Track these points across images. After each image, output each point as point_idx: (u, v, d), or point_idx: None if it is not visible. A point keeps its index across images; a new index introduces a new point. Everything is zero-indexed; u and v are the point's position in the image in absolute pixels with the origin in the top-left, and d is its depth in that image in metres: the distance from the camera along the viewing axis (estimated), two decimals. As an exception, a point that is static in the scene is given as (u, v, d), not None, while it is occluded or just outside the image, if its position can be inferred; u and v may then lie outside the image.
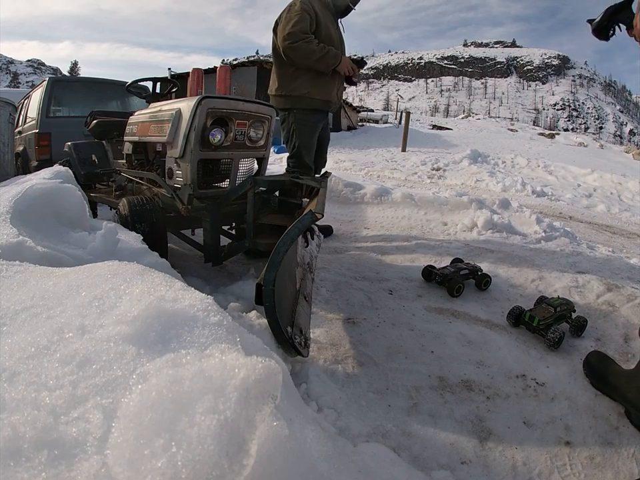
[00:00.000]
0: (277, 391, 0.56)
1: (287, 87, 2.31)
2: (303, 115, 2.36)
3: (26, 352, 0.64)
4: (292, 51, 2.15)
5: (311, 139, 2.42)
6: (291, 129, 2.38)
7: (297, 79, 2.29)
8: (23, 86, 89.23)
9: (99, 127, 2.69)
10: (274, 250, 1.08)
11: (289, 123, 2.38)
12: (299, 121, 2.36)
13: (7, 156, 3.44)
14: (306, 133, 2.39)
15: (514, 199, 3.85)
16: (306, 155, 2.41)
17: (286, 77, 2.31)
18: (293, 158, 2.43)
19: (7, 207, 1.30)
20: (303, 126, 2.37)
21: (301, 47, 2.13)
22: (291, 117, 2.36)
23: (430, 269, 1.96)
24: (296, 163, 2.43)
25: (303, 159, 2.41)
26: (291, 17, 2.14)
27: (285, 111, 2.39)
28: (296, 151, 2.39)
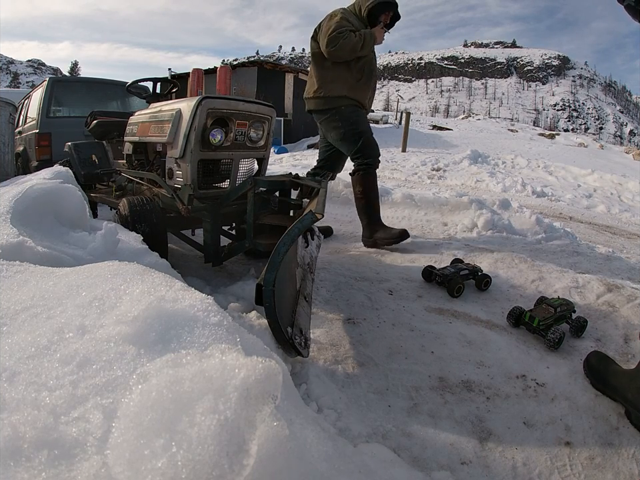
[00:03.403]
0: (277, 391, 0.56)
1: (325, 88, 2.40)
2: (351, 108, 2.42)
3: (26, 352, 0.64)
4: (338, 52, 2.27)
5: (367, 125, 2.48)
6: (347, 122, 2.40)
7: (335, 82, 2.39)
8: (23, 86, 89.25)
9: (99, 127, 2.69)
10: (274, 250, 1.08)
11: (342, 119, 2.41)
12: (350, 113, 2.41)
13: (7, 156, 3.44)
14: (361, 120, 2.45)
15: (514, 199, 3.85)
16: (372, 139, 2.45)
17: (325, 79, 2.41)
18: (361, 150, 2.41)
19: (7, 207, 1.30)
20: (356, 116, 2.43)
21: (343, 45, 2.24)
22: (340, 113, 2.41)
23: (430, 269, 1.96)
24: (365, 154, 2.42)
25: (372, 144, 2.44)
26: (331, 25, 2.27)
27: (328, 112, 2.44)
28: (363, 140, 2.40)
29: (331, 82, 2.40)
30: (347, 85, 2.40)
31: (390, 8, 2.41)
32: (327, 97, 2.40)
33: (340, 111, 2.41)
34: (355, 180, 2.48)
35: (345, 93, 2.40)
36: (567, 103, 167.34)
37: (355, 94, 2.43)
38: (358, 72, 2.42)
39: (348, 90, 2.40)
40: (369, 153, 2.42)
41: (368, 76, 2.47)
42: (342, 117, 2.41)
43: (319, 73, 2.44)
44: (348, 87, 2.40)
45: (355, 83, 2.42)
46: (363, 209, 2.50)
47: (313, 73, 2.47)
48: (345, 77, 2.40)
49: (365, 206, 2.48)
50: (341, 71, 2.39)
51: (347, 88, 2.40)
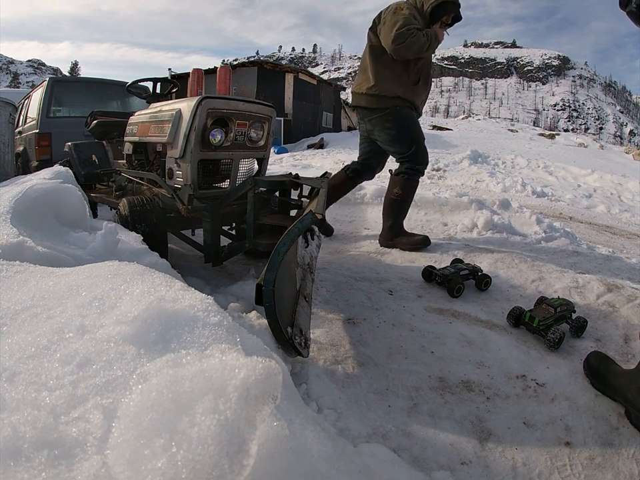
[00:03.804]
0: (277, 391, 0.56)
1: (381, 86, 2.29)
2: (405, 110, 2.34)
3: (26, 352, 0.64)
4: (404, 51, 2.16)
5: (420, 129, 2.39)
6: (400, 125, 2.32)
7: (392, 82, 2.30)
8: (23, 86, 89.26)
9: (99, 127, 2.69)
10: (274, 250, 1.08)
11: (395, 120, 2.32)
12: (405, 115, 2.33)
13: (7, 156, 3.44)
14: (416, 124, 2.38)
15: (514, 199, 3.85)
16: (424, 145, 2.38)
17: (382, 76, 2.30)
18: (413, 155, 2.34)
19: (7, 207, 1.30)
20: (411, 118, 2.36)
21: (410, 44, 2.13)
22: (394, 114, 2.32)
23: (430, 269, 1.96)
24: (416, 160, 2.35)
25: (424, 150, 2.37)
26: (398, 20, 2.15)
27: (380, 111, 2.34)
28: (417, 144, 2.33)
29: (388, 81, 2.29)
30: (404, 86, 2.31)
31: (454, 9, 2.31)
32: (382, 96, 2.30)
33: (394, 111, 2.31)
34: (396, 180, 2.39)
35: (400, 94, 2.30)
36: (567, 103, 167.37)
37: (410, 96, 2.34)
38: (416, 74, 2.33)
39: (404, 92, 2.31)
40: (420, 159, 2.35)
41: (425, 79, 2.39)
42: (395, 118, 2.31)
43: (376, 68, 2.32)
44: (405, 88, 2.31)
45: (412, 86, 2.33)
46: (393, 211, 2.43)
47: (369, 67, 2.34)
48: (402, 78, 2.30)
49: (397, 209, 2.42)
50: (399, 70, 2.29)
51: (403, 90, 2.31)
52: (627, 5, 1.08)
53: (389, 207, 2.46)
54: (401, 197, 2.39)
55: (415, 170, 2.36)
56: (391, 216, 2.44)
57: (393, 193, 2.42)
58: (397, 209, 2.43)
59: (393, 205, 2.44)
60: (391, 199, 2.44)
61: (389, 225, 2.45)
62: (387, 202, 2.47)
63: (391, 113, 2.32)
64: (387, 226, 2.45)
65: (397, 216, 2.44)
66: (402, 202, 2.42)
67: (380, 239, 2.50)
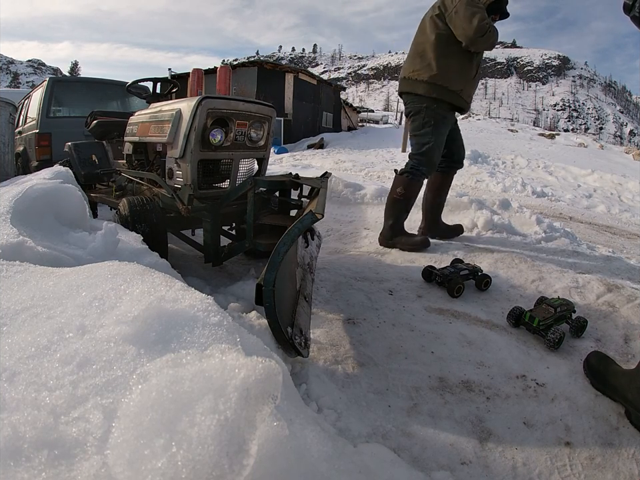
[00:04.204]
0: (277, 391, 0.56)
1: (445, 77, 2.24)
2: (444, 111, 2.31)
3: (26, 352, 0.64)
4: (482, 43, 2.17)
5: (444, 137, 2.37)
6: (427, 123, 2.30)
7: (458, 74, 2.26)
8: (23, 86, 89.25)
9: (99, 127, 2.69)
10: (274, 250, 1.08)
11: (426, 117, 2.30)
12: (438, 116, 2.30)
13: (7, 156, 3.44)
14: (443, 130, 2.35)
15: (514, 199, 3.85)
16: (437, 154, 2.35)
17: (449, 67, 2.25)
18: (422, 156, 2.33)
19: (7, 207, 1.30)
20: (441, 123, 2.32)
21: (489, 37, 2.16)
22: (430, 111, 2.28)
23: (430, 269, 1.96)
24: (423, 162, 2.33)
25: (434, 158, 2.34)
26: (475, 11, 2.13)
27: (424, 101, 2.29)
28: (429, 147, 2.30)
29: (455, 72, 2.25)
30: (466, 79, 2.30)
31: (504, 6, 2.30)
32: (439, 87, 2.24)
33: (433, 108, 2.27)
34: (400, 180, 2.38)
35: (463, 88, 2.28)
36: (567, 103, 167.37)
37: (469, 90, 2.33)
38: (475, 67, 2.32)
39: (465, 85, 2.29)
40: (427, 163, 2.34)
41: (479, 73, 2.39)
42: (430, 115, 2.29)
43: (442, 58, 2.25)
44: (465, 81, 2.30)
45: (471, 79, 2.33)
46: (394, 210, 2.41)
47: (432, 55, 2.26)
48: (465, 70, 2.29)
49: (399, 209, 2.40)
50: (465, 62, 2.27)
51: (464, 82, 2.29)
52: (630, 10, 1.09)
53: (390, 206, 2.44)
54: (404, 197, 2.38)
55: (419, 172, 2.34)
56: (392, 215, 2.43)
57: (395, 192, 2.40)
58: (399, 209, 2.42)
59: (395, 205, 2.42)
60: (393, 198, 2.42)
61: (389, 225, 2.43)
62: (389, 201, 2.45)
63: (428, 109, 2.28)
64: (388, 225, 2.44)
65: (398, 216, 2.42)
66: (405, 202, 2.40)
67: (380, 238, 2.49)
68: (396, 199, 2.40)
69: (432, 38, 2.27)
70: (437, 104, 2.28)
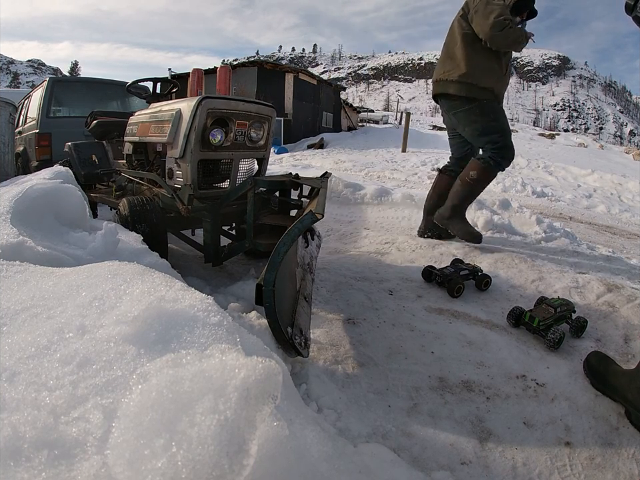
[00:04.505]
0: (277, 391, 0.56)
1: (475, 76, 2.23)
2: (493, 102, 2.30)
3: (26, 352, 0.64)
4: (500, 39, 2.14)
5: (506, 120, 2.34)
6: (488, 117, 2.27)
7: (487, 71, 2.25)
8: (23, 86, 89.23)
9: (99, 127, 2.69)
10: (274, 250, 1.08)
11: (483, 113, 2.27)
12: (493, 107, 2.29)
13: (7, 156, 3.44)
14: (504, 116, 2.33)
15: (514, 199, 3.85)
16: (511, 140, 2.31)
17: (477, 65, 2.25)
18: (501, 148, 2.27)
19: (7, 207, 1.30)
20: (498, 111, 2.30)
21: (507, 34, 2.13)
22: (481, 107, 2.27)
23: (430, 269, 1.96)
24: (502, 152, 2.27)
25: (511, 145, 2.31)
26: (494, 8, 2.13)
27: (470, 103, 2.28)
28: (505, 137, 2.27)
29: (484, 70, 2.24)
30: (496, 76, 2.28)
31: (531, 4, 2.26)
32: (473, 85, 2.22)
33: (482, 104, 2.26)
34: (476, 164, 2.30)
35: (493, 86, 2.26)
36: (567, 103, 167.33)
37: (500, 88, 2.31)
38: (505, 66, 2.30)
39: (496, 82, 2.27)
40: (506, 153, 2.28)
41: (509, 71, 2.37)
42: (483, 111, 2.26)
43: (470, 56, 2.25)
44: (496, 79, 2.28)
45: (502, 77, 2.31)
46: (461, 194, 2.35)
47: (460, 55, 2.27)
48: (495, 68, 2.27)
49: (466, 193, 2.34)
50: (493, 60, 2.26)
51: (495, 80, 2.27)
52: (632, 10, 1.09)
53: (458, 189, 2.37)
54: (474, 182, 2.30)
55: (496, 161, 2.27)
56: (459, 198, 2.36)
57: (468, 175, 2.32)
58: (467, 193, 2.34)
59: (464, 189, 2.34)
60: (464, 180, 2.33)
61: (452, 204, 2.36)
62: (459, 183, 2.37)
63: (479, 106, 2.27)
64: (450, 204, 2.37)
65: (463, 200, 2.36)
66: (473, 187, 2.33)
67: (436, 215, 2.42)
68: (467, 182, 2.32)
69: (459, 39, 2.29)
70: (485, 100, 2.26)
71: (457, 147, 2.61)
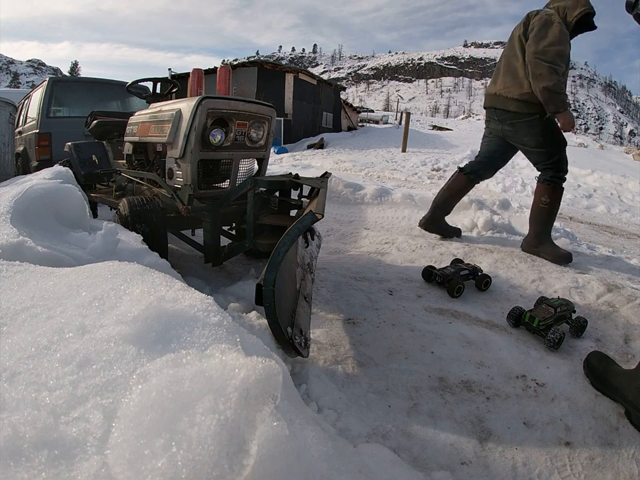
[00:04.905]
0: (277, 391, 0.56)
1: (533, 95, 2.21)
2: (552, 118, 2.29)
3: (26, 352, 0.64)
4: (535, 67, 2.11)
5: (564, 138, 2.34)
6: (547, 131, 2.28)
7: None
8: (23, 86, 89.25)
9: (99, 127, 2.69)
10: (274, 250, 1.08)
11: (544, 126, 2.28)
12: (553, 122, 2.29)
13: (7, 156, 3.44)
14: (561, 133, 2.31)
15: (514, 199, 3.85)
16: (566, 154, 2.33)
17: None
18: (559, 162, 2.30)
19: (7, 207, 1.30)
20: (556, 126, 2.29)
21: (546, 69, 2.07)
22: (543, 121, 2.27)
23: (430, 269, 1.96)
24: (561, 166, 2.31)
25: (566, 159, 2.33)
26: (554, 34, 2.09)
27: (530, 116, 2.28)
28: (561, 153, 2.30)
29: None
30: None
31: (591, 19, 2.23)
32: (534, 104, 2.23)
33: (544, 118, 2.26)
34: (543, 188, 2.35)
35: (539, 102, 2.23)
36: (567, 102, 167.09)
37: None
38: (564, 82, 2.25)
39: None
40: (563, 167, 2.32)
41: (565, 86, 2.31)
42: (544, 124, 2.27)
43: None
44: None
45: None
46: (541, 218, 2.38)
47: (522, 73, 2.25)
48: None
49: (546, 216, 2.38)
50: None
51: None
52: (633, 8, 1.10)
53: (537, 215, 2.41)
54: (550, 205, 2.35)
55: (559, 177, 2.32)
56: (540, 223, 2.39)
57: (541, 201, 2.37)
58: (546, 217, 2.38)
59: (542, 214, 2.38)
60: (539, 207, 2.39)
61: (536, 232, 2.40)
62: (535, 210, 2.42)
63: (540, 120, 2.27)
64: (534, 232, 2.41)
65: (545, 224, 2.39)
66: (551, 210, 2.37)
67: (524, 244, 2.44)
68: (543, 207, 2.37)
69: (520, 57, 2.26)
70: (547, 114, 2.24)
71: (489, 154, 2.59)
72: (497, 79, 2.41)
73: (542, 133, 2.29)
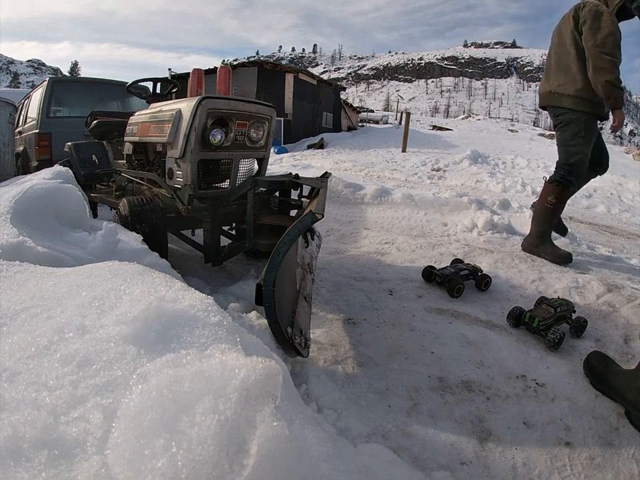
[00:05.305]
0: (277, 392, 0.56)
1: (589, 91, 2.19)
2: (593, 123, 2.27)
3: (26, 352, 0.64)
4: (597, 60, 2.08)
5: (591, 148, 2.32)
6: (577, 134, 2.25)
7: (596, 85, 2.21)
8: (23, 86, 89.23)
9: (99, 127, 2.69)
10: (274, 250, 1.08)
11: (577, 127, 2.25)
12: (589, 128, 2.26)
13: (7, 156, 3.44)
14: (591, 141, 2.30)
15: (514, 199, 3.85)
16: (585, 164, 2.31)
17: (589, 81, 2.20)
18: (572, 166, 2.28)
19: (7, 207, 1.30)
20: (590, 134, 2.28)
21: (608, 62, 2.06)
22: (581, 122, 2.25)
23: (430, 269, 1.96)
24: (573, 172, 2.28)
25: (582, 168, 2.30)
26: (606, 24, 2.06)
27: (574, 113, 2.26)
28: (580, 158, 2.27)
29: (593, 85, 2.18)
30: None
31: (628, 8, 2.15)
32: (587, 101, 2.20)
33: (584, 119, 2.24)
34: (552, 189, 2.34)
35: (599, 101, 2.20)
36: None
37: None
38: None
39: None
40: (577, 173, 2.30)
41: None
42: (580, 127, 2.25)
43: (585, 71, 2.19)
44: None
45: None
46: (544, 218, 2.38)
47: (576, 68, 2.22)
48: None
49: (549, 216, 2.38)
50: None
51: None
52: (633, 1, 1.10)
53: (540, 214, 2.41)
54: (555, 206, 2.34)
55: (569, 180, 2.30)
56: (542, 223, 2.39)
57: (546, 201, 2.36)
58: (549, 217, 2.38)
59: (546, 213, 2.38)
60: (544, 206, 2.38)
61: (537, 232, 2.39)
62: (539, 209, 2.41)
63: (579, 120, 2.25)
64: (536, 232, 2.40)
65: (547, 224, 2.39)
66: (555, 211, 2.36)
67: (524, 244, 2.44)
68: (547, 207, 2.36)
69: (573, 52, 2.24)
70: (586, 115, 2.24)
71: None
72: (549, 77, 2.39)
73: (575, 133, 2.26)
